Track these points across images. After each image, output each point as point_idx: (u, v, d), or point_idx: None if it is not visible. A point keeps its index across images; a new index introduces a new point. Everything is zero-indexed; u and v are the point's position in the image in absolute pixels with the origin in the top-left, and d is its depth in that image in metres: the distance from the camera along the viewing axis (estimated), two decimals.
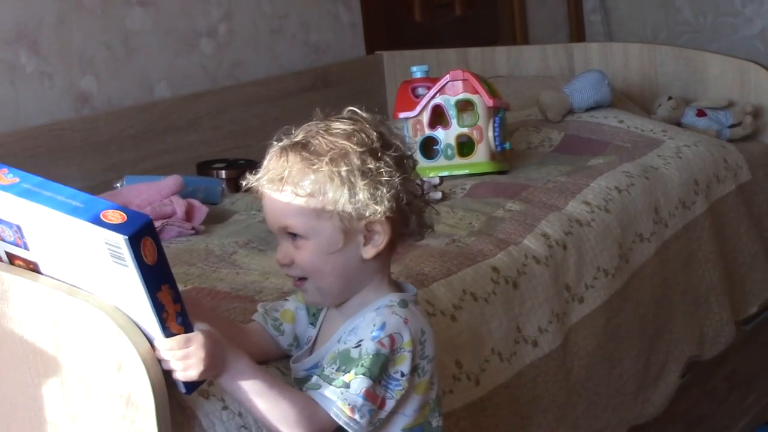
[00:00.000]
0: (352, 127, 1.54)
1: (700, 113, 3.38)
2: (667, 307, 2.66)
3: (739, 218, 3.01)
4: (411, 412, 1.55)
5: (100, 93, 3.12)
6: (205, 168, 3.03)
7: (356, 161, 1.50)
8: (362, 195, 1.50)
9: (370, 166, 1.51)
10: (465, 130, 2.80)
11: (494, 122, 2.79)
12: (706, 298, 2.81)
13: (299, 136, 1.55)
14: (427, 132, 2.82)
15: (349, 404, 1.46)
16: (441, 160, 2.80)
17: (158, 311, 1.40)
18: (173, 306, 1.42)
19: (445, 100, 2.81)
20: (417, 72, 3.01)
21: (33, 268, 1.53)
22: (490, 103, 2.78)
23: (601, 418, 2.39)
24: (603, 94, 3.23)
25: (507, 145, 2.84)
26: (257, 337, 1.66)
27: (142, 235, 1.37)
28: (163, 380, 1.44)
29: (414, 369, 1.52)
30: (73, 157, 2.95)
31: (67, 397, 1.51)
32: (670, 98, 3.43)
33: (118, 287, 1.43)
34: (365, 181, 1.50)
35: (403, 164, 1.56)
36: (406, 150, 1.58)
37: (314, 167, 1.50)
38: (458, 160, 2.80)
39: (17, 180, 1.47)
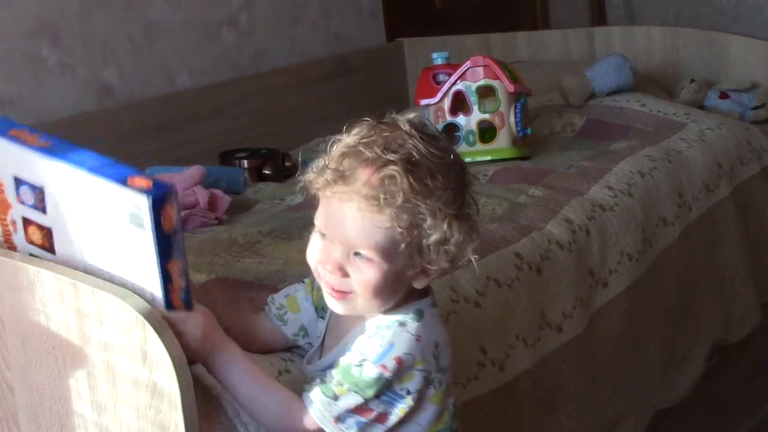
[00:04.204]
0: (450, 159, 1.44)
1: (723, 95, 3.36)
2: (691, 290, 2.65)
3: (763, 200, 3.00)
4: (426, 422, 1.50)
5: (122, 84, 3.13)
6: (227, 157, 3.04)
7: (457, 203, 1.43)
8: (456, 237, 1.42)
9: (469, 211, 1.44)
10: (486, 116, 2.79)
11: (516, 108, 2.79)
12: (731, 281, 2.80)
13: (398, 152, 1.39)
14: (449, 118, 2.82)
15: (333, 415, 1.45)
16: (463, 147, 2.79)
17: (165, 281, 1.42)
18: (179, 280, 1.44)
19: (467, 87, 2.81)
20: (438, 58, 3.00)
21: (46, 234, 1.55)
22: (512, 88, 2.77)
23: (626, 403, 2.39)
24: (625, 77, 3.22)
25: (529, 131, 2.84)
26: (266, 326, 1.64)
27: (164, 201, 1.40)
28: (189, 370, 1.45)
29: (429, 383, 1.47)
30: (96, 149, 2.95)
31: (93, 388, 1.52)
32: (692, 81, 3.41)
33: (129, 252, 1.45)
34: (459, 224, 1.43)
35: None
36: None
37: (424, 200, 1.39)
38: (480, 146, 2.79)
39: (50, 143, 1.52)
